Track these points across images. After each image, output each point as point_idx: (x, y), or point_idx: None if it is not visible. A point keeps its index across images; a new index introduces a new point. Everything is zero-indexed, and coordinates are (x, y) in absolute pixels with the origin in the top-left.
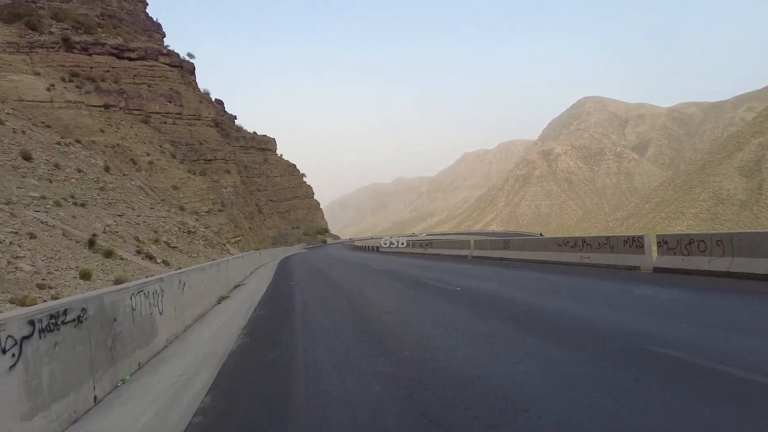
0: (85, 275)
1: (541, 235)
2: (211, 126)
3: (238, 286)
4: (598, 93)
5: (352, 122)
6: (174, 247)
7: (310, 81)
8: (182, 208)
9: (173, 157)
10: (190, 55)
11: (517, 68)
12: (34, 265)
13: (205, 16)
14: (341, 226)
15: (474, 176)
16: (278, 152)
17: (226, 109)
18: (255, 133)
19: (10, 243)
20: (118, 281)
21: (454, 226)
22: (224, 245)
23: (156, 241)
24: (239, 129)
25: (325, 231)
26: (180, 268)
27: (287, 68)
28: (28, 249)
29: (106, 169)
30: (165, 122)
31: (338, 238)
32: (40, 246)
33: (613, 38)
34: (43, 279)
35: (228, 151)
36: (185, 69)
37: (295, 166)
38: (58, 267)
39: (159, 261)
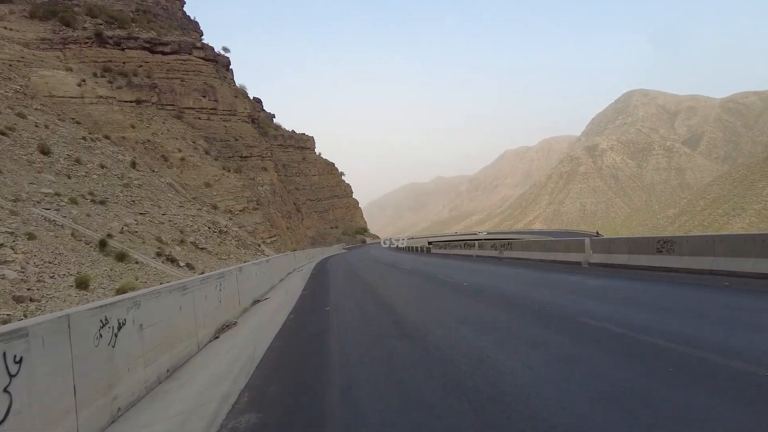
0: (82, 284)
1: (598, 234)
2: (246, 122)
3: (258, 302)
4: (644, 86)
5: (390, 122)
6: (202, 248)
7: (348, 84)
8: (215, 207)
9: (207, 153)
10: (225, 49)
11: (558, 64)
12: (23, 272)
13: (243, 14)
14: (379, 226)
15: (515, 174)
16: (317, 151)
17: (264, 108)
18: (293, 131)
19: (1, 245)
20: (120, 292)
21: (494, 226)
22: (259, 245)
23: (182, 242)
24: (277, 127)
25: (364, 230)
26: (204, 272)
27: (326, 68)
28: (23, 252)
29: (133, 165)
30: (199, 118)
31: (377, 237)
32: (39, 248)
33: (661, 29)
34: (28, 288)
35: (264, 148)
36: (220, 63)
37: (333, 164)
38: (55, 273)
39: (182, 264)
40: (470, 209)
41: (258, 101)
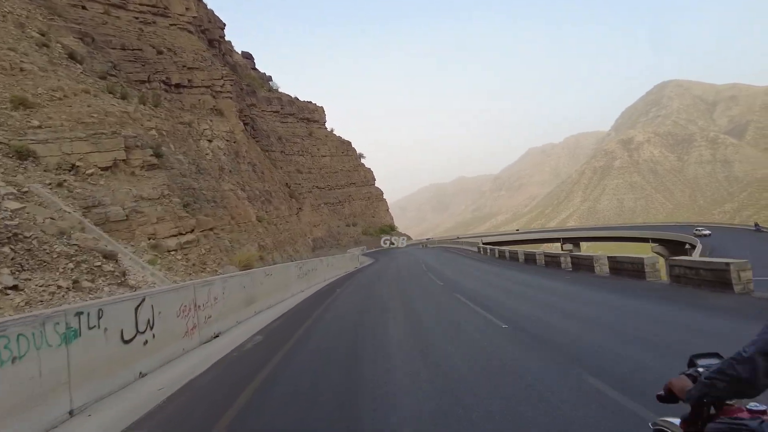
0: None
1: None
2: (188, 31)
3: None
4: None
5: (410, 123)
6: None
7: (369, 84)
8: (25, 155)
9: (72, 58)
10: None
11: (581, 58)
12: None
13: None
14: (402, 227)
15: (541, 172)
16: (327, 126)
17: (256, 66)
18: (296, 98)
19: None
20: None
21: (522, 225)
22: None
23: None
24: (272, 89)
25: (391, 228)
26: None
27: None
28: None
29: None
30: (82, 6)
31: (409, 238)
32: None
33: (696, 18)
34: None
35: (220, 77)
36: None
37: (350, 143)
38: None
39: None
40: (494, 209)
41: (248, 57)
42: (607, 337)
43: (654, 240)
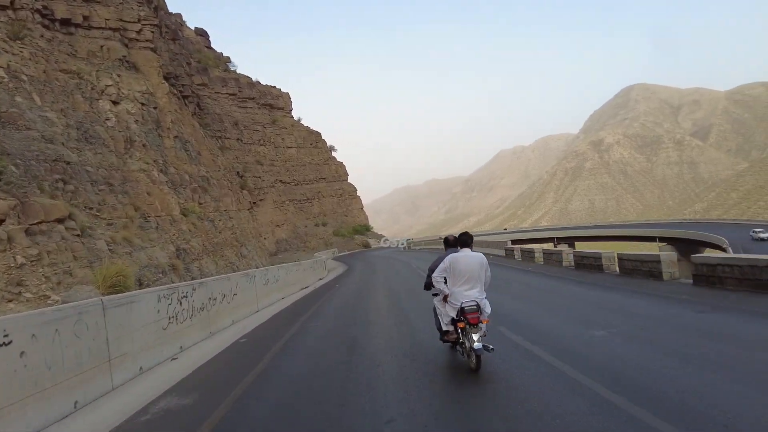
0: None
1: None
2: None
3: None
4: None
5: (381, 126)
6: None
7: (338, 87)
8: None
9: None
10: None
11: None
12: None
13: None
14: (375, 230)
15: (511, 174)
16: (294, 115)
17: (212, 45)
18: (258, 81)
19: None
20: None
21: (495, 226)
22: None
23: None
24: (228, 69)
25: (366, 229)
26: None
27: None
28: None
29: None
30: None
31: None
32: None
33: (657, 25)
34: None
35: (135, 18)
36: None
37: (319, 134)
38: None
39: None
40: (466, 211)
41: (202, 34)
42: None
43: (662, 239)
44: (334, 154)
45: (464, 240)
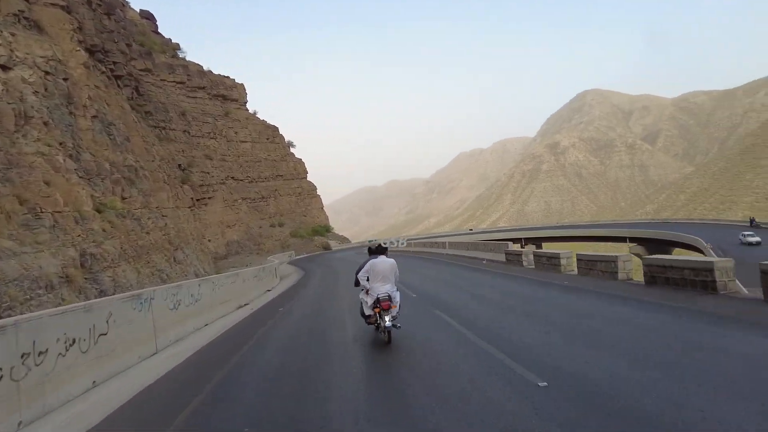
0: None
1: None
2: None
3: None
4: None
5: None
6: None
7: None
8: None
9: None
10: None
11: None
12: None
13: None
14: (336, 230)
15: (470, 176)
16: (250, 108)
17: (159, 30)
18: (209, 71)
19: None
20: None
21: (455, 227)
22: None
23: None
24: (176, 56)
25: (326, 230)
26: None
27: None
28: None
29: None
30: None
31: (347, 240)
32: None
33: (610, 33)
34: None
35: None
36: None
37: (276, 129)
38: None
39: None
40: (426, 212)
41: (148, 17)
42: None
43: (632, 239)
44: (292, 150)
45: (381, 249)
